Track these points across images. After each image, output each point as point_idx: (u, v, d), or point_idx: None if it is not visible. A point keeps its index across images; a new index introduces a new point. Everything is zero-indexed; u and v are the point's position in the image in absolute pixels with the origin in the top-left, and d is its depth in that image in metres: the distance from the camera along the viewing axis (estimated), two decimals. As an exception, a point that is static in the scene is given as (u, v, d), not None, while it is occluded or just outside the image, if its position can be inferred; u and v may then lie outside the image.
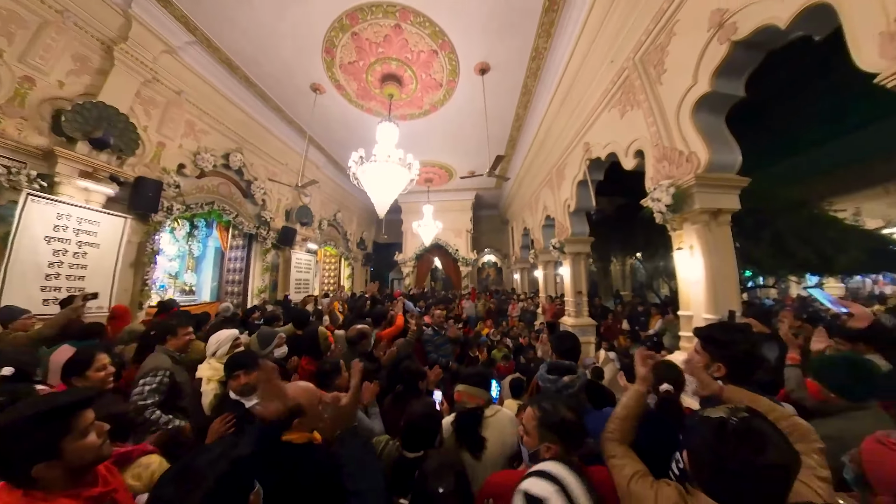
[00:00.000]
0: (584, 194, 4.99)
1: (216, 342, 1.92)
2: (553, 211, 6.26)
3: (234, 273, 6.46)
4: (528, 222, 8.54)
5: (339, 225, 9.60)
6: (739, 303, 2.69)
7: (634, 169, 3.47)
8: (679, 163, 2.79)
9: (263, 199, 6.23)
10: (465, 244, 11.12)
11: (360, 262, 11.21)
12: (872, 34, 1.55)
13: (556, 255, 6.04)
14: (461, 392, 1.57)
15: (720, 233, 2.66)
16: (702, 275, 2.63)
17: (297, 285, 7.29)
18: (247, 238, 6.34)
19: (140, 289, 3.97)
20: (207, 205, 5.05)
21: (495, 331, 6.93)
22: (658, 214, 2.87)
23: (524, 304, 8.60)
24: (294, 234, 6.97)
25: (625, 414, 1.10)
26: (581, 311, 5.64)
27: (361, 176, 4.04)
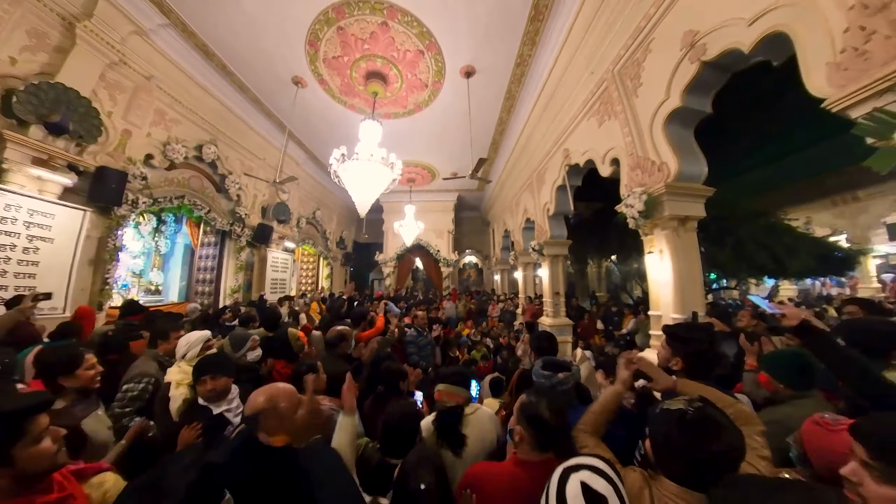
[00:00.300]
0: (563, 199, 5.10)
1: (186, 344, 1.84)
2: (533, 214, 6.35)
3: (205, 272, 6.16)
4: (508, 224, 8.61)
5: (318, 223, 9.39)
6: (704, 303, 2.83)
7: (610, 176, 3.58)
8: (651, 171, 2.92)
9: (238, 195, 6.00)
10: (447, 245, 11.14)
11: (339, 262, 11.01)
12: (821, 63, 1.73)
13: (535, 256, 6.14)
14: (441, 391, 1.59)
15: (687, 238, 2.81)
16: (670, 277, 2.75)
17: (273, 285, 7.06)
18: (219, 235, 6.08)
19: (100, 288, 3.67)
20: (177, 199, 4.78)
21: (475, 331, 7.04)
22: (631, 220, 2.97)
23: (504, 305, 8.71)
24: (270, 232, 6.77)
25: (600, 410, 1.17)
26: (559, 312, 5.76)
27: (343, 174, 3.96)
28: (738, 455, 0.73)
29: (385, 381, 1.96)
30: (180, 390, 1.67)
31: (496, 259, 10.97)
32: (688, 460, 0.74)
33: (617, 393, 1.19)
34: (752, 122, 4.74)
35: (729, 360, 2.27)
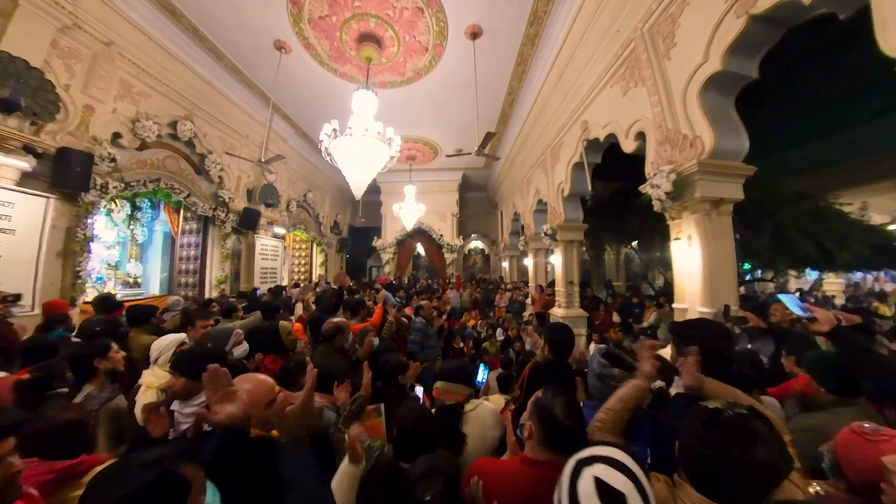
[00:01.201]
0: (580, 178, 4.99)
1: (158, 349, 1.84)
2: (546, 195, 6.27)
3: (188, 262, 6.12)
4: (518, 206, 8.54)
5: (309, 206, 9.34)
6: (737, 296, 2.76)
7: (634, 152, 3.48)
8: (682, 147, 2.80)
9: (220, 177, 5.93)
10: (451, 229, 11.12)
11: (334, 248, 11.02)
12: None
13: (547, 242, 6.09)
14: (439, 389, 1.60)
15: (720, 223, 2.70)
16: (699, 266, 2.68)
17: (262, 274, 7.09)
18: (202, 221, 6.04)
19: (72, 282, 3.65)
20: (152, 182, 4.71)
21: (482, 322, 7.09)
22: (657, 202, 2.89)
23: (513, 294, 8.73)
24: (258, 217, 6.74)
25: (619, 406, 1.14)
26: (572, 302, 5.74)
27: (335, 151, 3.88)
28: (772, 473, 0.69)
29: (384, 375, 1.97)
30: (147, 394, 1.70)
31: (504, 244, 10.91)
32: (716, 469, 0.71)
33: (639, 388, 1.16)
34: (800, 88, 4.45)
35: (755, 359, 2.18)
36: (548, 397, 1.13)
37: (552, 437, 1.08)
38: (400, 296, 6.89)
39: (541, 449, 1.09)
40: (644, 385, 1.17)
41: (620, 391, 1.18)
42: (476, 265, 13.24)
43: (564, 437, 1.06)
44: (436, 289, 9.11)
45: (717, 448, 0.71)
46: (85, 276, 3.80)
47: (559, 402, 1.10)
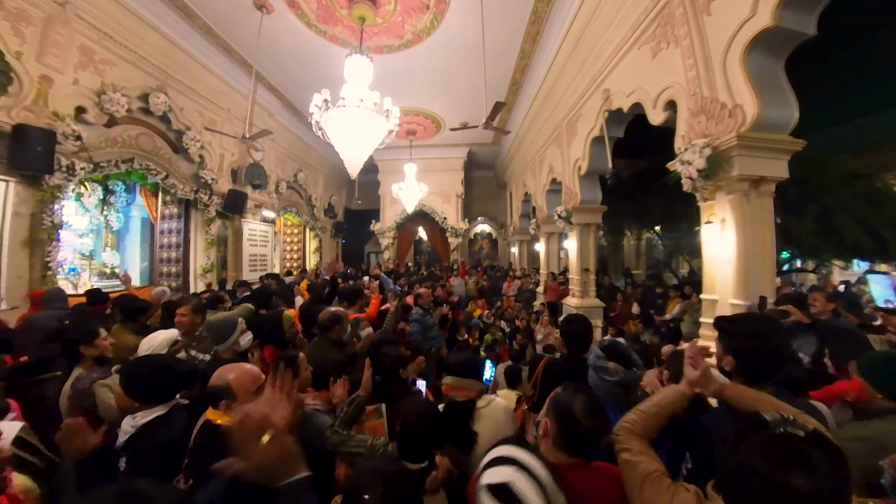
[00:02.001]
0: (600, 154, 4.87)
1: (149, 348, 1.83)
2: (560, 173, 6.19)
3: (170, 249, 6.11)
4: (529, 186, 8.50)
5: (301, 188, 9.29)
6: (774, 288, 2.73)
7: (663, 125, 3.39)
8: (720, 118, 2.69)
9: (201, 155, 5.85)
10: (455, 211, 11.07)
11: (328, 233, 11.02)
12: None
13: (561, 225, 6.07)
14: (449, 385, 1.60)
15: (760, 205, 2.64)
16: (732, 253, 2.63)
17: (251, 262, 7.09)
18: (183, 205, 6.00)
19: (41, 274, 3.61)
20: (125, 163, 4.60)
21: (489, 312, 7.09)
22: (687, 181, 2.81)
23: (522, 282, 8.80)
24: (244, 200, 6.69)
25: (655, 411, 1.10)
26: (587, 291, 5.77)
27: (326, 125, 3.79)
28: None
29: (384, 369, 1.97)
30: None
31: (514, 228, 10.86)
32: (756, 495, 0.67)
33: (679, 394, 1.12)
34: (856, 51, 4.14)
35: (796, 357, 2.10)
36: (568, 394, 1.12)
37: (569, 437, 1.08)
38: (402, 284, 6.86)
39: (556, 449, 1.09)
40: (686, 391, 1.13)
41: (658, 395, 1.16)
42: (483, 251, 13.23)
43: (582, 438, 1.07)
44: (439, 276, 9.10)
45: (749, 465, 0.67)
46: (56, 268, 3.77)
47: (580, 400, 1.09)
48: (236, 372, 1.32)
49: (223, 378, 1.29)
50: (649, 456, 0.99)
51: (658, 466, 0.95)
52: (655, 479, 0.91)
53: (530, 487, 0.88)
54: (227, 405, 1.25)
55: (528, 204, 9.24)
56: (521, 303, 7.95)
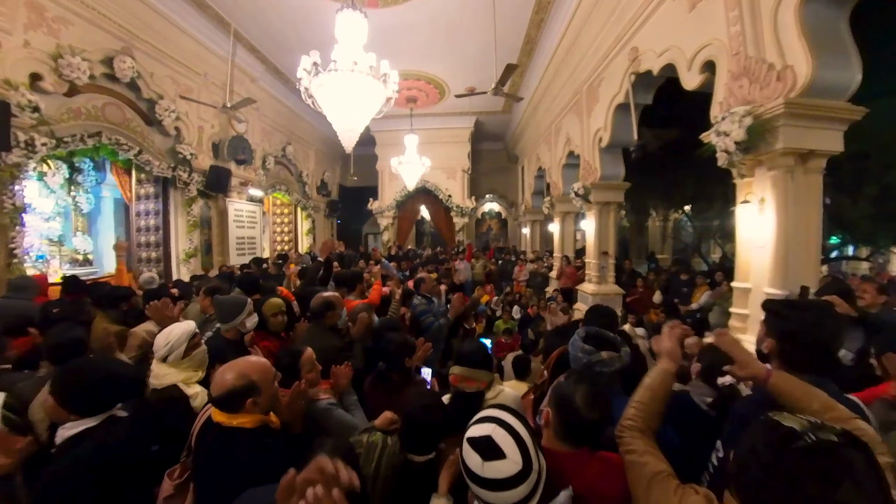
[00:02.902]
0: (624, 123, 4.74)
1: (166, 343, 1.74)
2: (579, 145, 6.11)
3: (148, 233, 6.09)
4: (543, 160, 8.45)
5: (290, 163, 9.25)
6: (818, 276, 2.72)
7: (698, 89, 3.29)
8: (765, 81, 2.58)
9: (177, 128, 5.74)
10: (461, 188, 11.01)
11: (322, 213, 11.07)
12: None
13: (578, 204, 6.03)
14: (457, 375, 1.64)
15: (807, 183, 2.58)
16: (772, 237, 2.61)
17: (239, 245, 7.11)
18: (160, 184, 5.95)
19: (6, 262, 3.60)
20: (91, 137, 4.50)
21: (497, 299, 7.10)
22: (722, 154, 2.75)
23: (534, 267, 8.81)
24: (228, 177, 6.63)
25: (648, 398, 1.14)
26: (605, 277, 5.79)
27: (316, 92, 3.66)
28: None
29: (388, 356, 2.04)
30: None
31: (525, 207, 10.82)
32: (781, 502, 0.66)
33: (664, 371, 1.18)
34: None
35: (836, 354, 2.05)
36: (570, 383, 1.16)
37: (568, 428, 1.13)
38: (404, 268, 6.86)
39: (556, 439, 1.14)
40: (669, 367, 1.18)
41: (646, 379, 1.19)
42: (491, 232, 13.27)
43: (582, 429, 1.12)
44: (443, 258, 9.09)
45: (787, 485, 0.65)
46: (21, 255, 3.76)
47: (582, 390, 1.13)
48: (253, 365, 1.32)
49: (243, 375, 1.25)
50: (655, 456, 1.01)
51: (664, 467, 0.97)
52: (662, 480, 0.93)
53: (510, 440, 0.97)
54: (254, 401, 1.25)
55: (541, 180, 9.25)
56: (532, 288, 7.96)
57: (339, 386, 1.84)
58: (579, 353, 1.49)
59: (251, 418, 1.24)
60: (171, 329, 1.80)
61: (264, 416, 1.30)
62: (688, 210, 8.81)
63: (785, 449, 0.68)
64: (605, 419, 1.13)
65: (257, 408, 1.25)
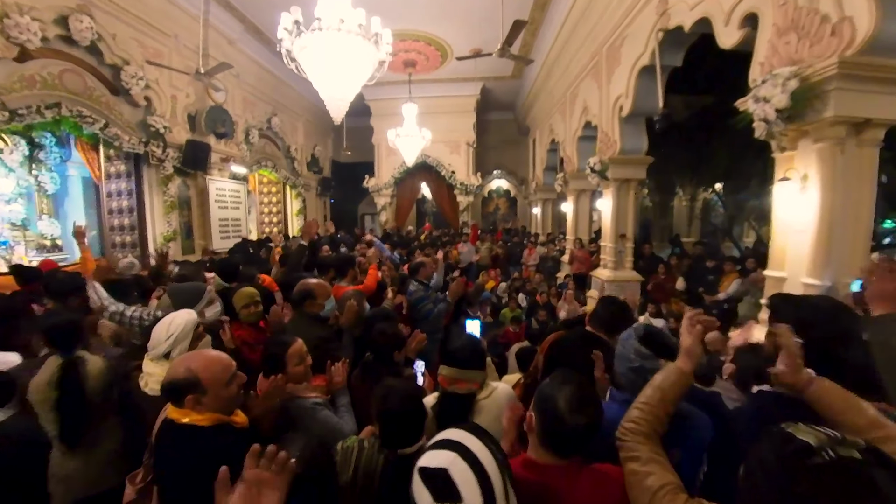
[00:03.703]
0: (649, 89, 4.62)
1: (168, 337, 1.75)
2: (596, 115, 6.03)
3: (121, 215, 6.03)
4: (557, 132, 8.38)
5: (276, 136, 9.19)
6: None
7: (736, 47, 3.17)
8: (817, 37, 2.46)
9: (147, 98, 5.62)
10: (465, 163, 10.93)
11: (314, 192, 11.05)
12: None
13: (594, 181, 5.97)
14: (446, 376, 1.65)
15: (860, 158, 2.51)
16: (813, 220, 2.56)
17: (222, 227, 7.10)
18: (132, 161, 5.86)
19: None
20: (49, 109, 4.39)
21: (505, 285, 7.07)
22: (760, 124, 2.66)
23: (545, 250, 8.82)
24: (207, 152, 6.54)
25: (657, 399, 1.10)
26: (622, 262, 5.80)
27: (300, 55, 3.60)
28: None
29: (377, 348, 2.09)
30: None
31: (536, 184, 10.77)
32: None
33: (679, 372, 1.13)
34: None
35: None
36: (554, 384, 1.14)
37: (551, 435, 1.10)
38: (400, 254, 6.87)
39: (541, 448, 1.12)
40: (686, 368, 1.14)
41: (657, 378, 1.16)
42: (499, 211, 13.27)
43: (565, 438, 1.09)
44: (445, 240, 9.07)
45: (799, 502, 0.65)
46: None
47: (566, 392, 1.10)
48: (202, 360, 1.31)
49: (188, 369, 1.27)
50: (660, 464, 0.98)
51: (671, 478, 0.94)
52: (668, 494, 0.90)
53: (471, 478, 0.86)
54: (196, 400, 1.25)
55: (554, 154, 9.17)
56: (542, 273, 7.97)
57: (334, 384, 1.85)
58: (632, 355, 1.40)
59: (204, 416, 1.25)
60: (171, 319, 1.79)
61: (224, 415, 1.30)
62: (719, 188, 8.69)
63: (799, 466, 0.66)
64: (593, 426, 1.09)
65: (202, 407, 1.25)
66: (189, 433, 1.23)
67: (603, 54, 5.64)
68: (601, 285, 5.97)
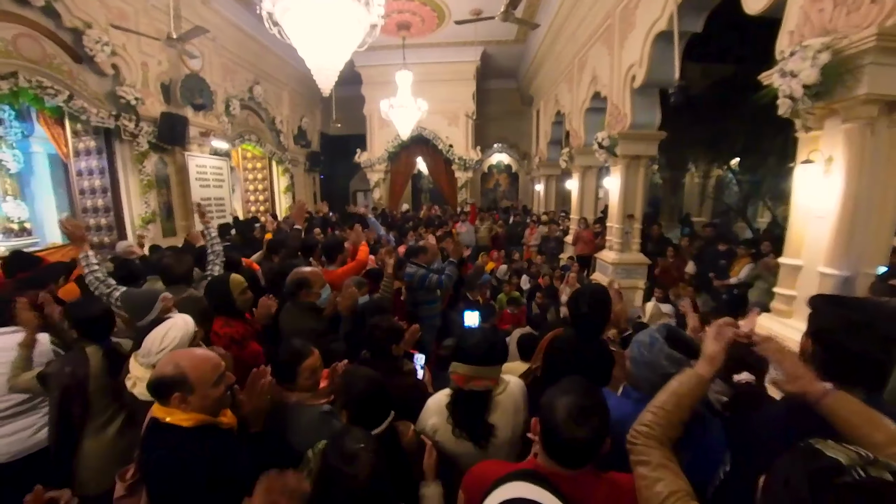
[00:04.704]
0: (665, 57, 4.51)
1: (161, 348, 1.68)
2: (606, 85, 5.97)
3: (94, 196, 5.85)
4: (563, 103, 8.47)
5: (259, 107, 8.97)
6: (888, 257, 2.65)
7: (763, 13, 3.06)
8: (855, 3, 2.37)
9: (115, 66, 5.36)
10: (464, 136, 10.83)
11: (302, 167, 10.92)
12: None
13: (602, 157, 5.96)
14: (463, 375, 1.64)
15: (892, 140, 2.46)
16: (836, 206, 2.53)
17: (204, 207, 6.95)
18: (102, 136, 5.64)
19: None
20: (4, 79, 4.21)
21: (507, 267, 7.05)
22: (785, 101, 2.59)
23: (548, 230, 8.74)
24: (184, 125, 6.35)
25: (673, 404, 1.11)
26: (629, 244, 5.82)
27: (283, 18, 3.46)
28: None
29: (373, 342, 2.08)
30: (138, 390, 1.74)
31: (540, 159, 10.70)
32: None
33: (701, 379, 1.14)
34: None
35: None
36: (553, 393, 1.16)
37: (552, 447, 1.12)
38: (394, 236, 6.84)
39: (545, 457, 1.14)
40: (706, 375, 1.14)
41: (674, 382, 1.16)
42: (499, 188, 13.27)
43: (566, 449, 1.10)
44: (444, 220, 9.02)
45: None
46: None
47: (564, 403, 1.11)
48: (191, 358, 1.35)
49: (177, 366, 1.31)
50: (671, 471, 0.99)
51: (682, 485, 0.95)
52: (678, 501, 0.92)
53: None
54: (182, 398, 1.29)
55: (559, 127, 9.12)
56: (544, 254, 7.97)
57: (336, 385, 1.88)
58: (664, 361, 1.36)
59: (188, 416, 1.28)
60: (166, 330, 1.73)
61: (208, 416, 1.33)
62: (734, 165, 8.63)
63: (826, 485, 0.67)
64: (596, 439, 1.09)
65: (187, 406, 1.29)
66: (171, 433, 1.27)
67: (616, 17, 5.49)
68: (608, 269, 5.95)
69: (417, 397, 1.90)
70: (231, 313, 2.42)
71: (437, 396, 1.72)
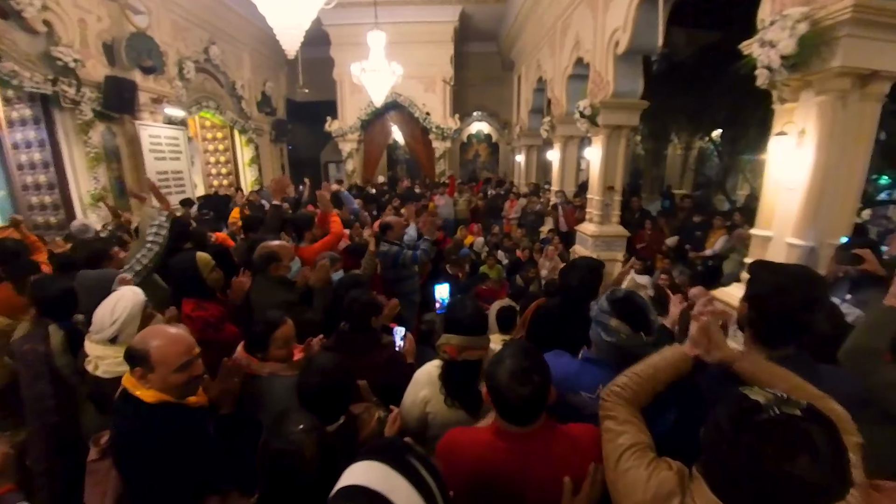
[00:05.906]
0: (649, 21, 4.56)
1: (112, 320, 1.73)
2: (590, 51, 5.93)
3: (34, 171, 5.59)
4: (545, 69, 8.39)
5: (217, 70, 8.62)
6: (851, 225, 2.79)
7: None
8: None
9: (47, 22, 5.09)
10: (442, 104, 10.74)
11: (268, 137, 10.67)
12: None
13: (583, 127, 5.95)
14: (457, 346, 1.71)
15: (862, 113, 2.56)
16: (806, 178, 2.63)
17: (162, 182, 6.72)
18: (39, 104, 5.37)
19: None
20: None
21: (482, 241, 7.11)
22: (762, 71, 2.66)
23: (528, 202, 8.77)
24: (133, 91, 6.16)
25: (650, 373, 1.20)
26: (609, 216, 5.91)
27: None
28: (820, 496, 0.73)
29: (352, 316, 2.15)
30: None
31: (521, 128, 10.66)
32: (742, 481, 0.78)
33: (681, 356, 1.23)
34: None
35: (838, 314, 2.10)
36: (496, 360, 1.26)
37: (501, 407, 1.23)
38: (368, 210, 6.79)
39: (499, 419, 1.25)
40: (689, 352, 1.22)
41: (656, 356, 1.25)
42: (479, 159, 13.21)
43: (514, 409, 1.20)
44: (420, 193, 8.95)
45: (746, 456, 0.76)
46: None
47: (506, 367, 1.20)
48: (160, 338, 1.39)
49: (144, 341, 1.38)
50: (635, 426, 1.08)
51: (643, 438, 1.05)
52: (637, 452, 1.01)
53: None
54: (142, 374, 1.36)
55: (541, 94, 9.03)
56: (524, 228, 8.06)
57: None
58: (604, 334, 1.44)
59: (149, 393, 1.35)
60: (116, 301, 1.78)
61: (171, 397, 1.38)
62: (716, 137, 8.77)
63: (747, 422, 0.77)
64: (537, 396, 1.18)
65: (147, 382, 1.35)
66: (135, 406, 1.35)
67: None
68: (588, 241, 6.07)
69: (398, 369, 2.01)
70: (202, 294, 2.41)
71: (427, 368, 1.79)
